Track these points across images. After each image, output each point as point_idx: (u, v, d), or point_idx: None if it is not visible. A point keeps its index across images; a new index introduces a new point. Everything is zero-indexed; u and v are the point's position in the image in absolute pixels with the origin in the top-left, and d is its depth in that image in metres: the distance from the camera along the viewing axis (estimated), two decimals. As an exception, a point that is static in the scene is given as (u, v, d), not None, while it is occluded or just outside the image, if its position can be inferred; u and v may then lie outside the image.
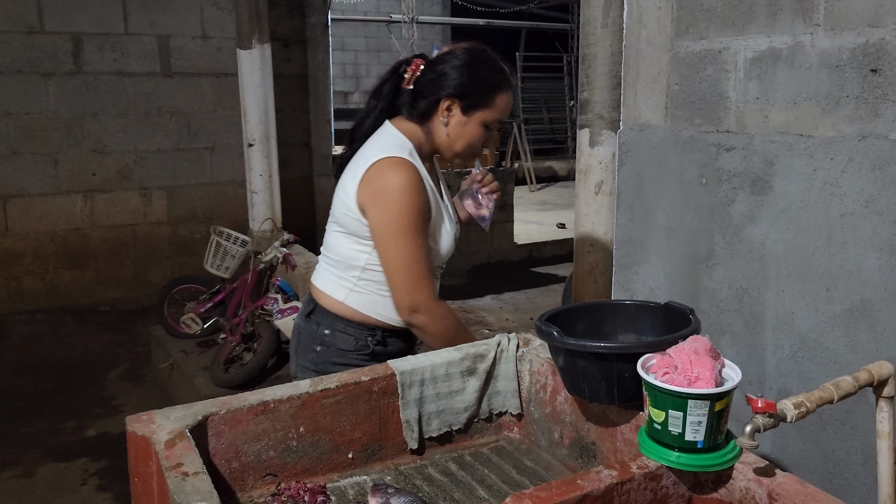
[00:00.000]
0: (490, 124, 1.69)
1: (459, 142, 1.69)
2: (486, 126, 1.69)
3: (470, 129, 1.68)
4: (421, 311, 1.61)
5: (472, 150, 1.71)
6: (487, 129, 1.69)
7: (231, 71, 5.55)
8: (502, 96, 1.68)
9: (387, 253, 1.60)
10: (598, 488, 1.01)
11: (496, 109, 1.68)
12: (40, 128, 5.07)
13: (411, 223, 1.57)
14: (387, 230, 1.58)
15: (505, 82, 1.70)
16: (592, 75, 2.83)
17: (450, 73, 1.67)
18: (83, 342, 4.72)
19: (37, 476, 3.03)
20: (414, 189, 1.57)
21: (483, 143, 1.72)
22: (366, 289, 1.69)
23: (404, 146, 1.64)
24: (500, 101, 1.68)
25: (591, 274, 2.93)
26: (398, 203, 1.56)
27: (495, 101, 1.67)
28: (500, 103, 1.68)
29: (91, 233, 5.33)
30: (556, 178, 13.19)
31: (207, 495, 1.03)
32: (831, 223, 1.70)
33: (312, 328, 1.75)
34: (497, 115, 1.69)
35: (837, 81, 1.65)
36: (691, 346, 1.10)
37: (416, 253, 1.58)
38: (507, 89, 1.70)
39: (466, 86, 1.65)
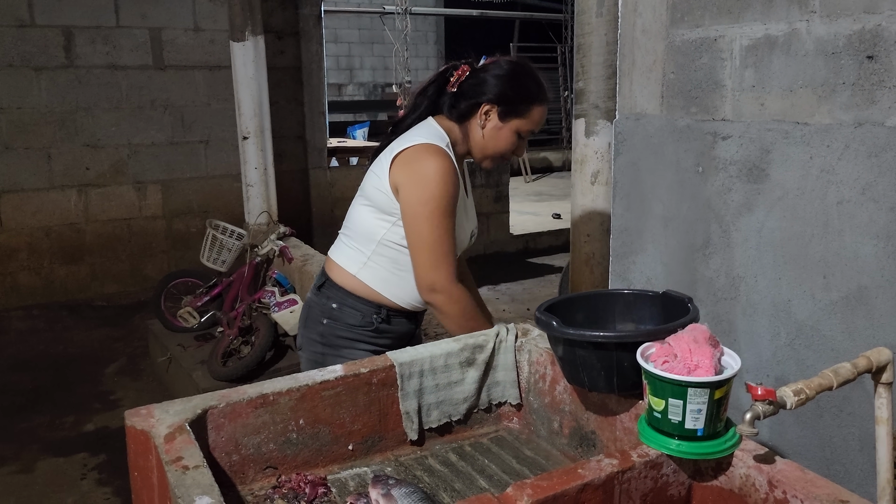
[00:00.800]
0: (523, 133, 1.79)
1: (492, 145, 1.78)
2: (518, 134, 1.78)
3: (504, 135, 1.77)
4: (439, 291, 1.67)
5: (504, 154, 1.81)
6: (520, 137, 1.79)
7: (224, 63, 5.53)
8: (538, 109, 1.78)
9: (415, 232, 1.67)
10: (599, 477, 1.02)
11: (531, 120, 1.78)
12: (33, 122, 5.04)
13: (441, 206, 1.65)
14: (419, 210, 1.65)
15: (542, 96, 1.79)
16: (587, 65, 2.82)
17: (492, 80, 1.77)
18: (80, 337, 4.71)
19: (36, 471, 3.03)
20: (448, 176, 1.66)
21: (514, 150, 1.81)
22: (379, 264, 1.76)
23: (442, 138, 1.74)
24: (536, 113, 1.78)
25: (588, 264, 2.93)
26: (432, 186, 1.64)
27: (531, 112, 1.77)
28: (536, 115, 1.78)
29: (86, 227, 5.31)
30: (551, 168, 13.19)
31: (208, 488, 1.03)
32: (828, 210, 1.70)
33: (322, 301, 1.83)
34: (531, 126, 1.79)
35: (833, 68, 1.65)
36: (690, 335, 1.11)
37: (443, 235, 1.66)
38: (543, 102, 1.79)
39: (507, 94, 1.75)
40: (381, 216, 1.74)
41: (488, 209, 7.04)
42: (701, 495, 1.11)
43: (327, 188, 6.25)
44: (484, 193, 6.99)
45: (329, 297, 1.82)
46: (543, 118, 1.81)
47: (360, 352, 1.77)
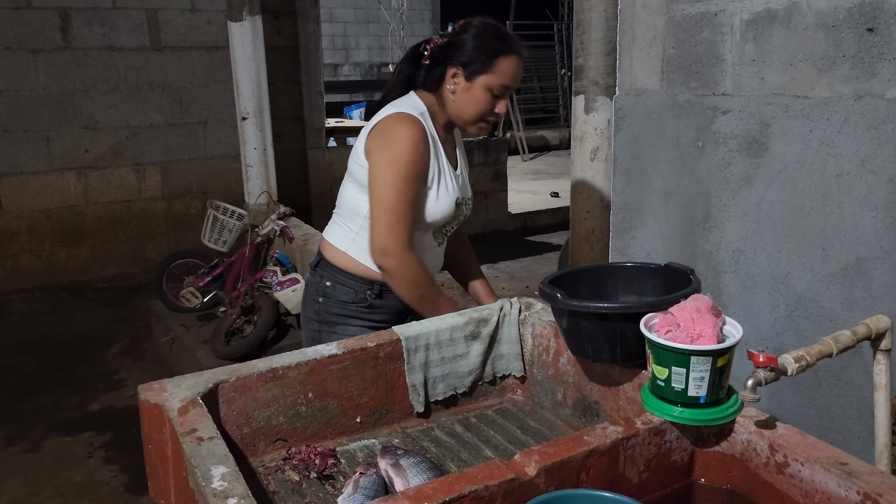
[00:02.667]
0: (495, 89, 1.71)
1: (466, 108, 1.73)
2: (491, 92, 1.71)
3: (475, 95, 1.71)
4: (389, 255, 1.67)
5: (482, 115, 1.75)
6: (494, 94, 1.72)
7: (221, 44, 5.50)
8: (505, 60, 1.70)
9: (374, 194, 1.68)
10: (605, 443, 1.04)
11: (499, 74, 1.70)
12: (31, 105, 5.03)
13: (403, 171, 1.65)
14: (380, 174, 1.67)
15: (507, 48, 1.72)
16: (587, 41, 2.82)
17: (456, 43, 1.74)
18: (82, 319, 4.73)
19: (43, 450, 3.07)
20: (415, 142, 1.66)
21: (492, 109, 1.74)
22: (366, 238, 1.76)
23: (417, 107, 1.73)
24: (503, 65, 1.70)
25: (588, 240, 2.95)
26: (398, 150, 1.65)
27: (497, 64, 1.69)
28: (503, 67, 1.70)
29: (86, 210, 5.32)
30: (548, 147, 13.16)
31: (223, 458, 1.05)
32: (827, 183, 1.72)
33: (317, 280, 1.86)
34: (501, 80, 1.71)
35: (833, 41, 1.66)
36: (693, 305, 1.13)
37: (400, 199, 1.66)
38: (509, 54, 1.71)
39: (469, 53, 1.71)
40: (363, 190, 1.75)
41: (486, 188, 7.05)
42: (703, 461, 1.14)
43: (326, 168, 6.25)
44: (482, 172, 6.99)
45: (323, 275, 1.85)
46: (514, 70, 1.73)
47: (354, 328, 1.79)
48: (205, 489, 0.98)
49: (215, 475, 1.01)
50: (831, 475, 0.96)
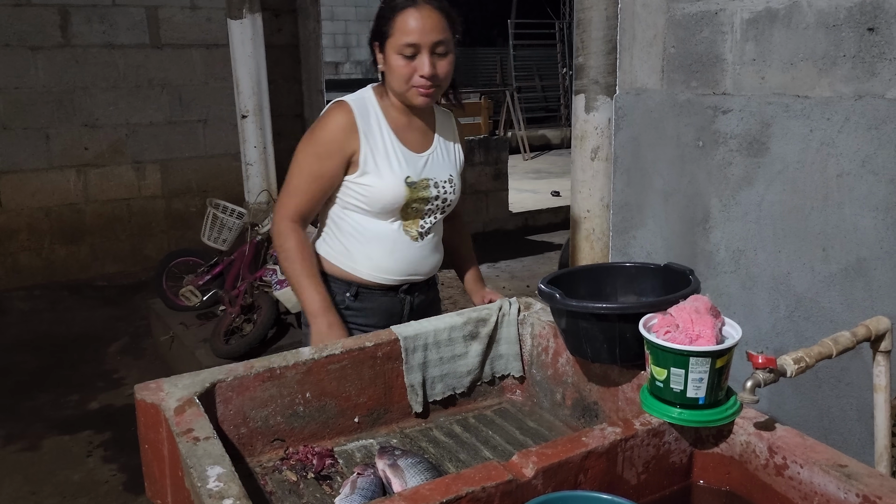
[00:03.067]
0: (404, 50, 1.60)
1: (393, 81, 1.65)
2: (402, 55, 1.60)
3: (392, 64, 1.63)
4: (273, 223, 1.73)
5: (407, 83, 1.63)
6: (408, 56, 1.60)
7: (221, 42, 5.49)
8: (400, 16, 1.60)
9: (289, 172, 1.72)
10: (603, 444, 1.04)
11: (401, 31, 1.59)
12: (30, 102, 5.02)
13: (309, 148, 1.67)
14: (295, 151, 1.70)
15: (394, 4, 1.62)
16: (588, 40, 2.81)
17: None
18: (82, 317, 4.73)
19: (42, 449, 3.07)
20: (331, 123, 1.65)
21: (412, 72, 1.61)
22: (329, 234, 1.77)
23: (358, 95, 1.72)
24: (400, 22, 1.59)
25: (588, 240, 2.94)
26: (313, 131, 1.67)
27: (395, 22, 1.60)
28: (401, 24, 1.59)
29: (86, 208, 5.31)
30: (549, 146, 13.15)
31: (219, 459, 1.04)
32: (828, 183, 1.71)
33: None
34: (406, 37, 1.59)
35: (834, 41, 1.65)
36: (692, 305, 1.12)
37: (296, 173, 1.68)
38: (403, 8, 1.60)
39: (374, 25, 1.67)
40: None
41: (487, 186, 7.04)
42: (702, 462, 1.13)
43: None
44: (483, 171, 6.98)
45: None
46: (415, 23, 1.58)
47: None
48: (200, 490, 0.97)
49: (211, 476, 1.00)
50: (830, 477, 0.95)
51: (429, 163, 1.76)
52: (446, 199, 1.78)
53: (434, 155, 1.78)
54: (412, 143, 1.75)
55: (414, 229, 1.75)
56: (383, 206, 1.69)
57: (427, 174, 1.74)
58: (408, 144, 1.74)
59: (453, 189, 1.80)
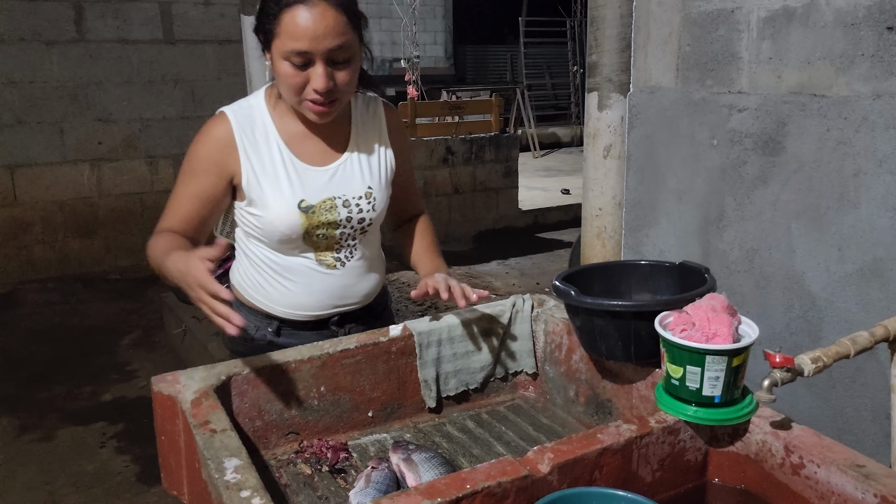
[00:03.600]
0: (291, 58, 1.28)
1: (282, 90, 1.37)
2: (290, 62, 1.29)
3: (279, 70, 1.32)
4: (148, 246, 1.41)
5: (298, 96, 1.34)
6: (296, 66, 1.29)
7: (234, 37, 5.51)
8: (287, 14, 1.26)
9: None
10: (618, 442, 1.04)
11: (287, 34, 1.27)
12: (45, 97, 5.06)
13: (185, 165, 1.43)
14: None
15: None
16: (601, 38, 2.81)
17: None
18: (95, 310, 4.76)
19: (56, 439, 3.09)
20: (202, 138, 1.42)
21: (303, 83, 1.32)
22: (244, 266, 1.54)
23: (246, 103, 1.46)
24: (288, 22, 1.26)
25: (600, 238, 2.94)
26: (191, 147, 1.44)
27: (282, 23, 1.27)
28: (288, 24, 1.26)
29: (99, 201, 5.35)
30: (559, 144, 13.12)
31: (236, 451, 1.05)
32: (844, 183, 1.70)
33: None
34: (292, 44, 1.27)
35: (852, 40, 1.65)
36: (708, 304, 1.12)
37: (174, 194, 1.44)
38: (287, 4, 1.27)
39: (257, 14, 1.34)
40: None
41: (497, 184, 7.04)
42: (717, 461, 1.13)
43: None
44: (493, 168, 6.98)
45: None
46: (308, 23, 1.26)
47: None
48: (217, 481, 0.98)
49: (228, 467, 1.01)
50: (848, 477, 0.95)
51: (336, 177, 1.46)
52: (363, 220, 1.50)
53: (345, 166, 1.48)
54: (312, 156, 1.46)
55: (329, 257, 1.50)
56: (279, 239, 1.45)
57: (331, 192, 1.45)
58: (306, 158, 1.45)
59: (371, 205, 1.50)
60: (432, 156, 6.56)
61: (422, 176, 6.49)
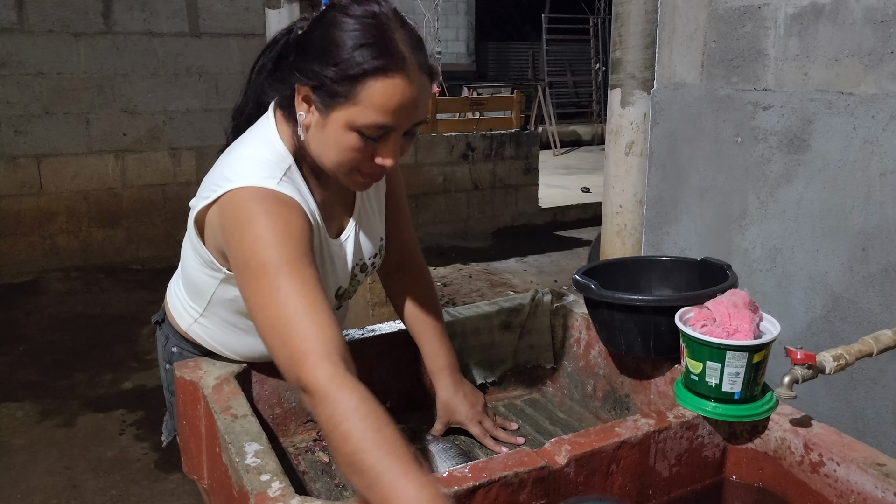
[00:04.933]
0: (367, 130, 1.04)
1: (325, 153, 1.09)
2: (359, 132, 1.04)
3: (332, 135, 1.06)
4: (309, 393, 0.96)
5: (350, 167, 1.09)
6: (365, 137, 1.04)
7: (258, 31, 5.54)
8: (379, 82, 1.01)
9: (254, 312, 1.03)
10: (636, 436, 1.04)
11: (372, 105, 1.02)
12: (72, 88, 5.12)
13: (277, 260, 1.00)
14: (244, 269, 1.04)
15: (381, 60, 1.01)
16: (625, 34, 2.80)
17: (307, 43, 1.08)
18: (117, 299, 4.82)
19: (77, 425, 3.14)
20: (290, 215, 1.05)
21: (366, 158, 1.08)
22: (211, 324, 1.30)
23: (279, 160, 1.12)
24: (377, 91, 1.01)
25: (620, 235, 2.93)
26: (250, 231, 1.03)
27: (366, 90, 1.01)
28: (377, 94, 1.01)
29: (123, 192, 5.40)
30: (580, 142, 13.06)
31: (257, 436, 1.07)
32: (870, 182, 1.68)
33: (163, 341, 1.42)
34: (378, 117, 1.02)
35: (882, 37, 1.63)
36: (730, 299, 1.12)
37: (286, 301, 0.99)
38: (382, 72, 1.01)
39: (315, 62, 1.05)
40: (207, 267, 1.23)
41: (517, 181, 7.02)
42: (735, 457, 1.13)
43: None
44: (513, 165, 6.97)
45: (168, 336, 1.40)
46: (405, 96, 1.02)
47: None
48: (238, 465, 1.00)
49: (248, 451, 1.02)
50: (868, 476, 0.94)
51: (355, 245, 1.25)
52: (374, 270, 1.35)
53: (361, 225, 1.26)
54: (332, 223, 1.22)
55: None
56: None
57: (353, 261, 1.25)
58: (330, 230, 1.21)
59: (381, 254, 1.33)
60: (452, 152, 6.56)
61: (441, 172, 6.49)
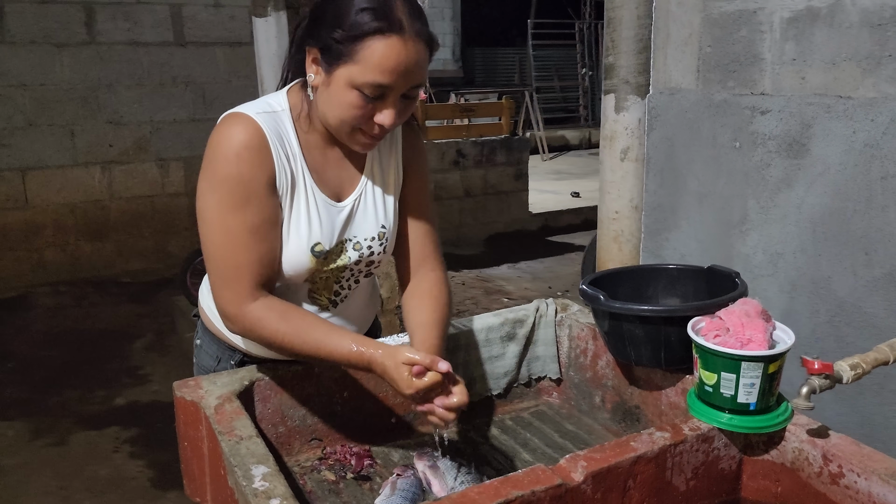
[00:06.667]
0: (364, 88, 1.11)
1: (329, 112, 1.16)
2: (359, 91, 1.11)
3: (335, 94, 1.13)
4: (230, 319, 1.18)
5: (351, 125, 1.16)
6: (366, 96, 1.11)
7: (245, 40, 5.52)
8: (376, 42, 1.08)
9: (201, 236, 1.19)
10: (652, 450, 1.02)
11: (370, 65, 1.09)
12: (56, 99, 5.07)
13: (225, 197, 1.15)
14: (201, 205, 1.18)
15: (379, 22, 1.08)
16: (618, 39, 2.79)
17: (317, 12, 1.17)
18: (106, 313, 4.76)
19: (70, 444, 3.09)
20: (236, 151, 1.14)
21: (366, 117, 1.14)
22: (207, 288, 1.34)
23: (268, 105, 1.22)
24: (374, 51, 1.08)
25: (617, 241, 2.92)
26: (215, 168, 1.16)
27: (364, 50, 1.08)
28: (374, 54, 1.08)
29: (110, 204, 5.35)
30: (568, 147, 13.09)
31: (263, 458, 1.04)
32: (871, 186, 1.68)
33: (194, 333, 1.48)
34: (375, 76, 1.09)
35: (879, 40, 1.62)
36: (742, 309, 1.10)
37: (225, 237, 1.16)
38: (378, 32, 1.08)
39: (323, 28, 1.13)
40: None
41: (508, 187, 7.02)
42: (751, 469, 1.11)
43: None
44: (504, 171, 6.96)
45: (197, 329, 1.47)
46: (400, 57, 1.09)
47: None
48: (245, 489, 0.97)
49: (256, 475, 0.99)
50: (890, 487, 0.93)
51: (353, 216, 1.28)
52: (372, 262, 1.33)
53: (361, 202, 1.29)
54: (331, 186, 1.26)
55: (325, 297, 1.32)
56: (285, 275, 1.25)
57: (347, 234, 1.28)
58: (326, 189, 1.25)
59: (383, 246, 1.32)
60: (443, 159, 6.54)
61: (433, 179, 6.47)
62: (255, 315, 1.16)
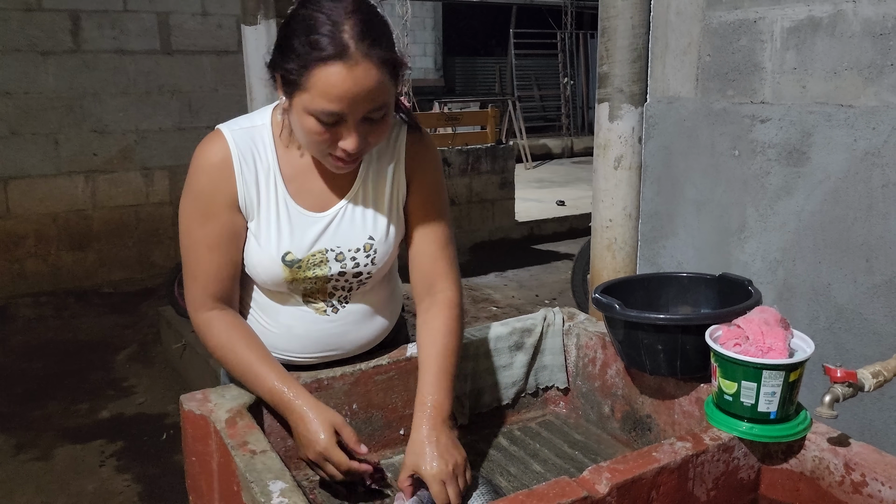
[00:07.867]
0: (320, 116, 1.10)
1: (297, 134, 1.19)
2: (318, 119, 1.11)
3: (297, 119, 1.14)
4: (190, 318, 1.29)
5: (320, 150, 1.17)
6: (324, 123, 1.11)
7: (232, 49, 5.48)
8: (321, 70, 1.07)
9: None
10: (675, 460, 1.01)
11: (319, 93, 1.08)
12: (40, 107, 4.99)
13: (189, 208, 1.24)
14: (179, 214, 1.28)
15: (323, 49, 1.06)
16: (612, 48, 2.79)
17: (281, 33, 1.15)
18: (89, 324, 4.68)
19: (54, 458, 3.02)
20: (203, 167, 1.22)
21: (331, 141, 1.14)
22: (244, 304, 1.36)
23: (250, 120, 1.27)
24: (321, 79, 1.07)
25: (610, 249, 2.91)
26: (188, 182, 1.24)
27: (312, 78, 1.08)
28: (321, 82, 1.07)
29: (93, 214, 5.27)
30: (550, 155, 13.15)
31: (280, 473, 1.02)
32: (872, 194, 1.69)
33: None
34: (324, 104, 1.08)
35: (881, 50, 1.64)
36: (761, 317, 1.10)
37: (189, 246, 1.25)
38: (323, 60, 1.07)
39: (281, 54, 1.12)
40: None
41: (493, 196, 7.02)
42: (770, 478, 1.11)
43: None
44: (489, 180, 6.97)
45: None
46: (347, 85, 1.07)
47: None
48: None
49: (274, 491, 0.97)
50: (916, 496, 0.92)
51: (331, 227, 1.27)
52: (359, 274, 1.30)
53: (344, 213, 1.28)
54: (310, 198, 1.27)
55: (319, 304, 1.31)
56: (262, 281, 1.29)
57: (323, 244, 1.26)
58: (303, 200, 1.26)
59: (371, 258, 1.29)
60: (429, 167, 6.53)
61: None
62: (204, 321, 1.26)
